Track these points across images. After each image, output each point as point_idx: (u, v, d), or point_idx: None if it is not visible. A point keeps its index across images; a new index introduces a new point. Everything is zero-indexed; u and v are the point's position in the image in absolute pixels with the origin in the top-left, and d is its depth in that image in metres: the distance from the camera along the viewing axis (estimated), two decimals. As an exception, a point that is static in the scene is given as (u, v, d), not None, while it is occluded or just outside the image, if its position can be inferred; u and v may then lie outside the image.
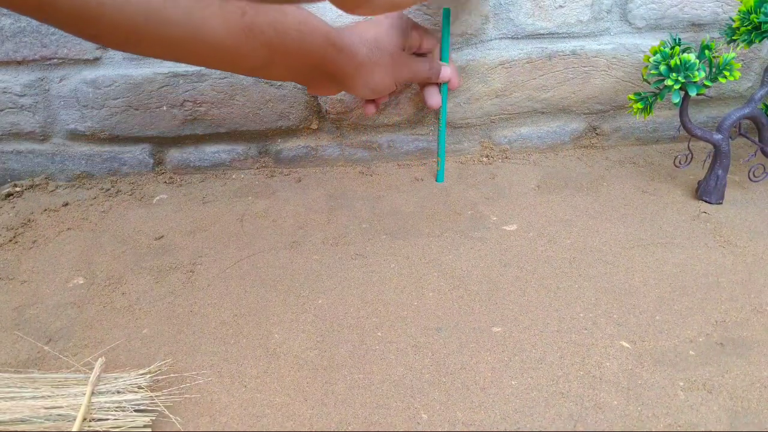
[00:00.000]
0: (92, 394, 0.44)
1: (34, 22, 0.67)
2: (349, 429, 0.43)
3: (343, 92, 0.73)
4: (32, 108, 0.72)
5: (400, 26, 0.60)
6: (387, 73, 0.60)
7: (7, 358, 0.50)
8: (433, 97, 0.68)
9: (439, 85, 0.69)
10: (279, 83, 0.73)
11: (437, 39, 0.67)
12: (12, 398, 0.43)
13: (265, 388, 0.47)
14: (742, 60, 0.77)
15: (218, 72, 0.71)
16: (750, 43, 0.63)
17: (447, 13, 0.65)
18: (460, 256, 0.62)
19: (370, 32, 0.58)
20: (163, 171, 0.78)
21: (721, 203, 0.69)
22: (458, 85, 0.71)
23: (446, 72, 0.67)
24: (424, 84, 0.68)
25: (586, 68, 0.76)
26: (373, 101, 0.68)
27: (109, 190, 0.75)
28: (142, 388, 0.45)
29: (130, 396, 0.44)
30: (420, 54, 0.67)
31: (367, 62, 0.57)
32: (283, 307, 0.56)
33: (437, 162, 0.75)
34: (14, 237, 0.66)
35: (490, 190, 0.74)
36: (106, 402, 0.43)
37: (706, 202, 0.69)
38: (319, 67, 0.55)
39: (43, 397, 0.43)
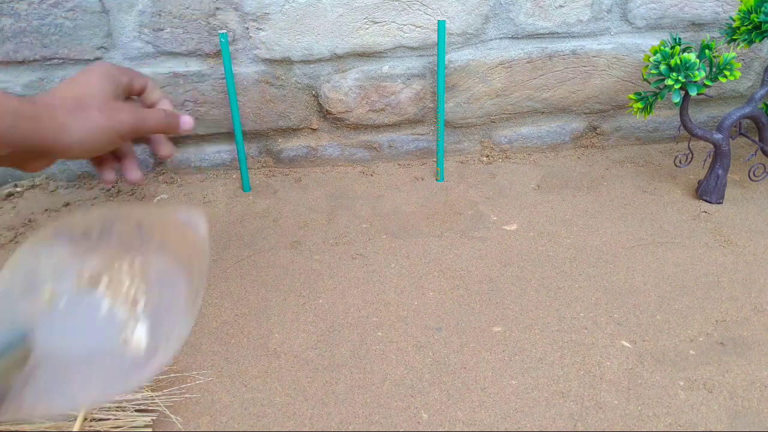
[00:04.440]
0: (93, 393, 0.44)
1: (35, 23, 0.67)
2: (350, 429, 0.43)
3: (342, 93, 0.73)
4: (33, 108, 0.72)
5: (107, 74, 0.54)
6: (101, 126, 0.52)
7: (8, 357, 0.50)
8: (166, 146, 0.59)
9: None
10: (280, 83, 0.73)
11: (147, 77, 0.59)
12: (13, 398, 0.43)
13: (265, 387, 0.47)
14: (743, 59, 0.77)
15: (219, 72, 0.71)
16: (750, 42, 0.63)
17: None
18: (461, 256, 0.62)
19: (71, 91, 0.52)
20: (163, 171, 0.78)
21: (721, 203, 0.69)
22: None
23: (188, 120, 0.58)
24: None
25: (586, 68, 0.76)
26: (110, 167, 0.58)
27: (109, 190, 0.75)
28: (143, 388, 0.45)
29: (130, 396, 0.44)
30: (136, 95, 0.60)
31: (70, 122, 0.50)
32: (284, 307, 0.56)
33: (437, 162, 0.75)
34: (15, 237, 0.66)
35: (491, 190, 0.74)
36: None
37: (706, 201, 0.69)
38: (22, 146, 0.47)
39: (44, 396, 0.43)
